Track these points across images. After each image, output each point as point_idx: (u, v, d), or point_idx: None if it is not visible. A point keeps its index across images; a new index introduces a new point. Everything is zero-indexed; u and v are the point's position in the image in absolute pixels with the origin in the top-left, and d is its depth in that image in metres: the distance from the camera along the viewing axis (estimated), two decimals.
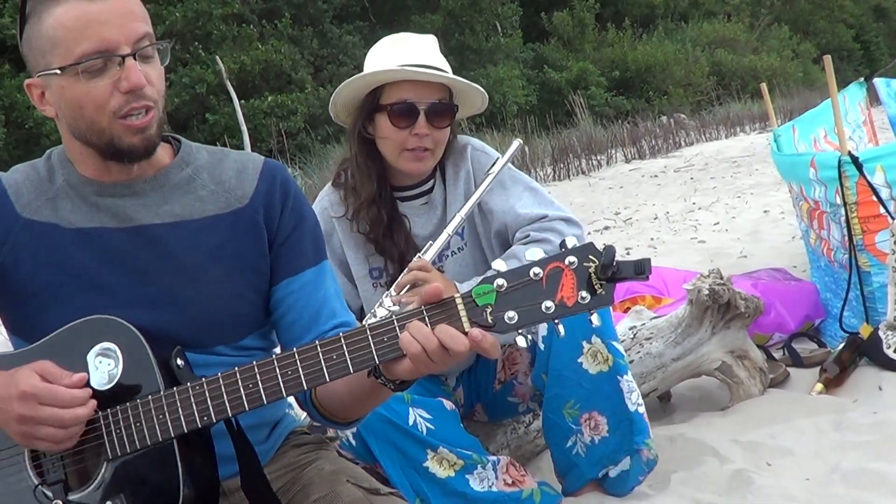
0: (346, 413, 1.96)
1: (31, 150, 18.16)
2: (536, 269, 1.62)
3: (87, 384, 1.76)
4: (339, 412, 1.95)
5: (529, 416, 3.32)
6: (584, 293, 1.60)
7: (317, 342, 1.69)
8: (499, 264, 1.66)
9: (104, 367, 1.76)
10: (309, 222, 2.04)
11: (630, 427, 2.86)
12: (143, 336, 1.77)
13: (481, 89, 2.96)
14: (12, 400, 1.69)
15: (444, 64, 2.93)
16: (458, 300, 1.65)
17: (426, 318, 1.66)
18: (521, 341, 1.65)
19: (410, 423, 2.75)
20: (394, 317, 1.68)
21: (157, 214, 1.92)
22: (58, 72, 1.77)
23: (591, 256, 1.62)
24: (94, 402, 1.73)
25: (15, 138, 19.47)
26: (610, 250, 1.62)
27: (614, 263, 1.60)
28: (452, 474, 2.76)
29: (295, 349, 1.71)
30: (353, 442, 2.77)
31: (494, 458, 2.86)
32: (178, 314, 1.88)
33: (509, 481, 2.82)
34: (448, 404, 2.89)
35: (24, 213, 1.91)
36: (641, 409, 2.90)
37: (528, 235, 2.87)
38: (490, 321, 1.63)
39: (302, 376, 1.69)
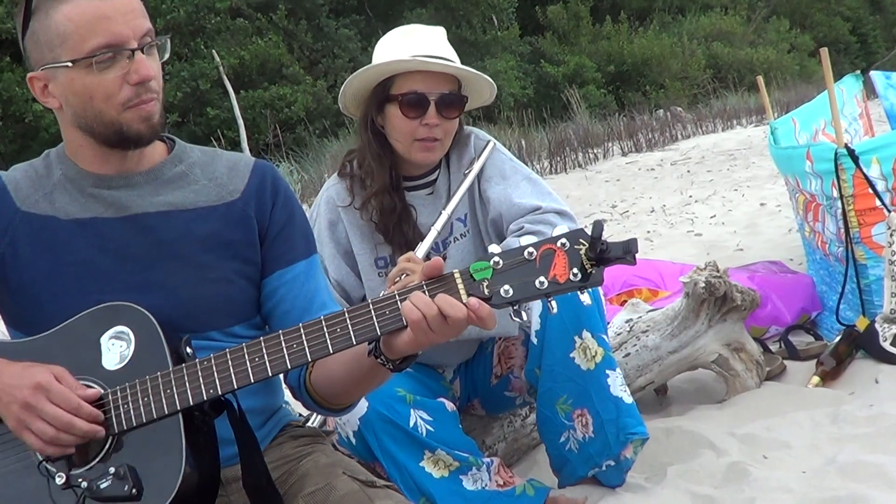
0: (341, 398, 2.02)
1: (28, 144, 18.10)
2: (531, 250, 1.69)
3: (102, 371, 1.82)
4: (334, 397, 2.01)
5: (526, 409, 3.32)
6: (575, 270, 1.68)
7: (321, 317, 1.75)
8: (494, 248, 1.72)
9: (116, 349, 1.83)
10: (299, 217, 2.12)
11: (616, 424, 2.86)
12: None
13: (490, 80, 2.98)
14: (23, 387, 1.75)
15: (453, 55, 2.94)
16: (457, 275, 1.72)
17: (426, 291, 1.72)
18: (516, 318, 1.71)
19: (411, 424, 2.76)
20: (396, 292, 1.74)
21: (151, 204, 1.99)
22: (69, 64, 1.85)
23: (581, 240, 1.69)
24: (98, 428, 1.77)
25: (13, 132, 19.36)
26: (598, 225, 1.68)
27: (602, 241, 1.66)
28: (447, 474, 2.77)
29: (300, 324, 1.76)
30: (353, 440, 2.77)
31: (488, 460, 2.87)
32: (171, 298, 1.94)
33: (500, 482, 2.84)
34: (449, 405, 2.90)
35: (23, 207, 1.98)
36: (629, 399, 2.90)
37: (522, 227, 2.87)
38: (486, 294, 1.70)
39: (307, 348, 1.74)
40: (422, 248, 2.89)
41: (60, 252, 1.94)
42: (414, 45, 2.89)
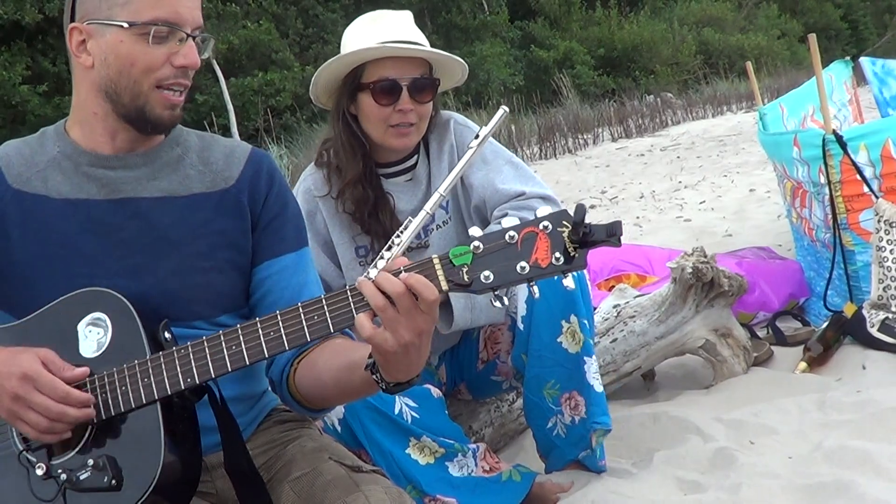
0: (320, 402, 1.99)
1: (16, 129, 17.98)
2: (512, 233, 1.65)
3: (80, 359, 1.81)
4: (315, 399, 1.97)
5: (513, 394, 3.32)
6: (558, 254, 1.63)
7: (299, 304, 1.72)
8: (475, 231, 1.68)
9: (94, 336, 1.82)
10: (291, 209, 2.11)
11: (590, 409, 2.88)
12: (133, 307, 1.82)
13: (461, 60, 2.96)
14: (12, 377, 1.73)
15: (422, 38, 2.91)
16: (436, 260, 1.68)
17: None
18: (497, 303, 1.67)
19: (396, 411, 2.75)
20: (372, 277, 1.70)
21: (145, 188, 1.97)
22: (124, 25, 1.85)
23: (564, 222, 1.64)
24: (90, 411, 1.76)
25: (1, 116, 19.28)
26: (580, 208, 1.64)
27: (586, 224, 1.62)
28: (432, 461, 2.77)
29: (277, 311, 1.73)
30: (339, 428, 2.76)
31: (474, 446, 2.87)
32: (158, 286, 1.92)
33: (486, 468, 2.84)
34: (435, 392, 2.89)
35: (15, 185, 1.96)
36: (600, 388, 2.90)
37: (505, 214, 2.86)
38: (466, 280, 1.65)
39: (283, 336, 1.71)
40: (411, 228, 2.84)
41: (50, 233, 1.92)
42: (382, 31, 2.86)
